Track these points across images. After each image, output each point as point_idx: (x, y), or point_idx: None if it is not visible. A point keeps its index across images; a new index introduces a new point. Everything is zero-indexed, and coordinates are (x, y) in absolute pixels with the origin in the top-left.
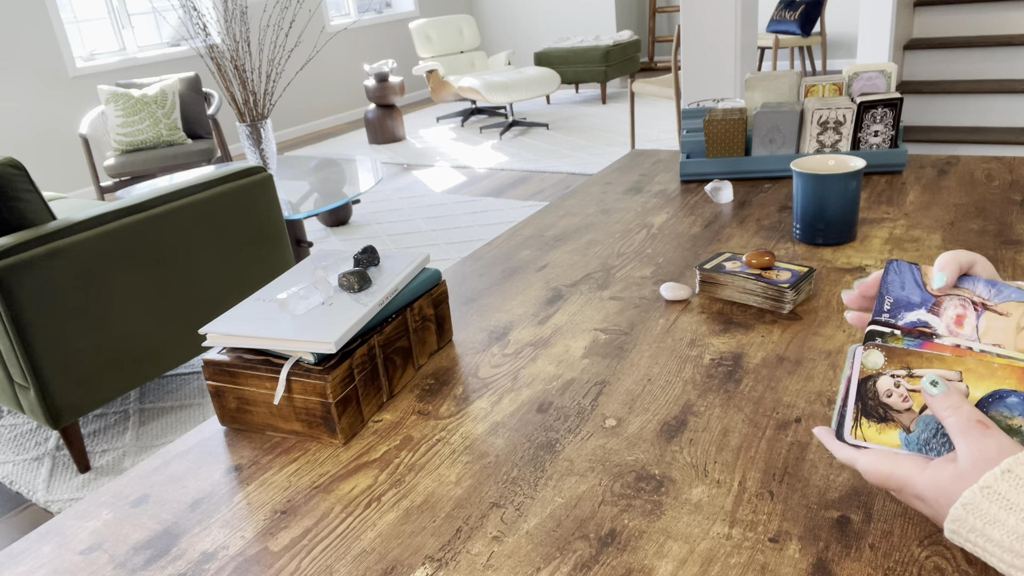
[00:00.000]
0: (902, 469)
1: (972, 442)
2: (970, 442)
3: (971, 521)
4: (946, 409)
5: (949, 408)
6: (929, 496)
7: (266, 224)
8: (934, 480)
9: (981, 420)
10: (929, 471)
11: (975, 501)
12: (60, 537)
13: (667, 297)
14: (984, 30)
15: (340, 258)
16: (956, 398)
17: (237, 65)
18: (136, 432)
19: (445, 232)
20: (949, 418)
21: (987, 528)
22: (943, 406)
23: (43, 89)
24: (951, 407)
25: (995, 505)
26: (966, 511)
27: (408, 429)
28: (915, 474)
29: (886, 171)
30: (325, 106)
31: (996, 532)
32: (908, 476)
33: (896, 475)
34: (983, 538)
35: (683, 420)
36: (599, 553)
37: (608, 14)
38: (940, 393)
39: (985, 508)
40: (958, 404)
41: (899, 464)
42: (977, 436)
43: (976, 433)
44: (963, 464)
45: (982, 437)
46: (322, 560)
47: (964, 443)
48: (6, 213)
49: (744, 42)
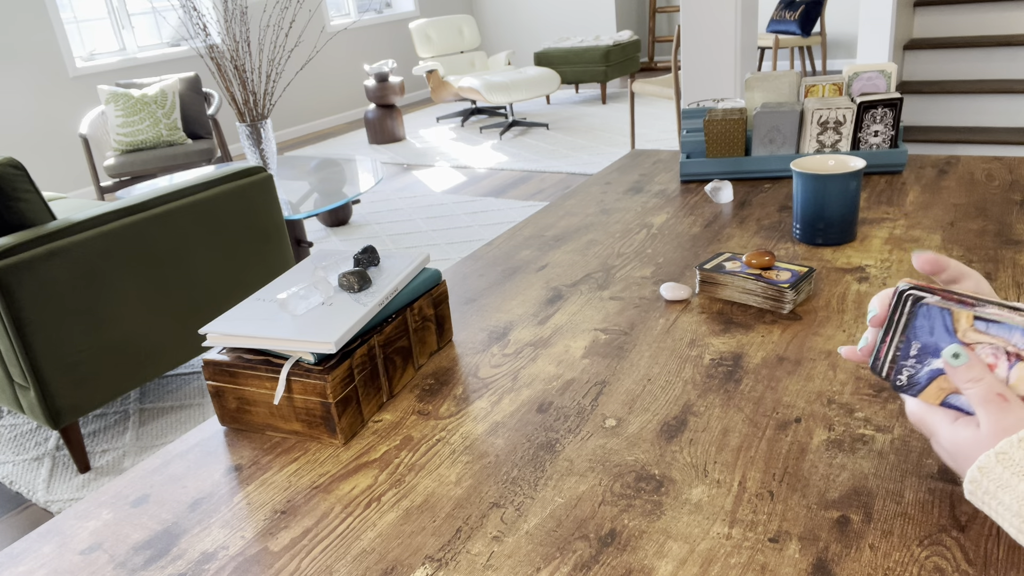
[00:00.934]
0: (932, 418)
1: (992, 414)
2: (990, 414)
3: (985, 484)
4: (968, 381)
5: (971, 380)
6: (950, 450)
7: (266, 224)
8: (955, 438)
9: (1002, 393)
10: (953, 428)
11: (990, 465)
12: (60, 537)
13: (667, 297)
14: (984, 30)
15: (340, 258)
16: (978, 369)
17: (237, 65)
18: (136, 432)
19: (445, 232)
20: (970, 390)
21: (999, 492)
22: (965, 377)
23: (43, 89)
24: (972, 379)
25: (1008, 471)
26: (981, 474)
27: (408, 429)
28: (942, 426)
29: (886, 171)
30: (325, 106)
31: (1007, 496)
32: (935, 426)
33: (926, 422)
34: (995, 500)
35: (683, 420)
36: (599, 553)
37: (608, 14)
38: (962, 364)
39: (999, 473)
40: (979, 376)
41: (931, 412)
42: (996, 408)
43: (996, 405)
44: (984, 431)
45: (1001, 410)
46: (322, 560)
47: (984, 414)
48: (6, 213)
49: (744, 42)
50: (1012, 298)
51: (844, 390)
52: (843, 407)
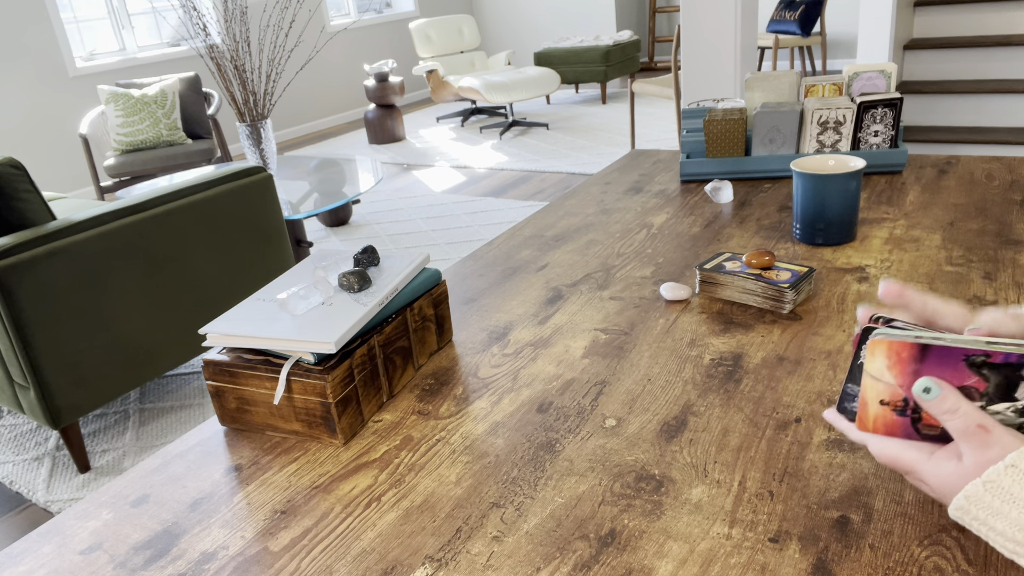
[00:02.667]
0: (907, 455)
1: (975, 448)
2: (973, 448)
3: (973, 511)
4: (945, 413)
5: (947, 412)
6: (932, 484)
7: (266, 224)
8: (936, 471)
9: (982, 424)
10: (933, 461)
11: (977, 494)
12: (60, 537)
13: (667, 297)
14: (984, 30)
15: (340, 258)
16: (952, 400)
17: (237, 65)
18: (136, 432)
19: (445, 232)
20: (949, 422)
21: (990, 519)
22: (941, 410)
23: (43, 89)
24: (949, 411)
25: (998, 499)
26: (968, 502)
27: (408, 429)
28: (920, 461)
29: (886, 171)
30: (325, 106)
31: (999, 523)
32: (913, 462)
33: (902, 459)
34: (986, 527)
35: (683, 420)
36: (599, 553)
37: (608, 14)
38: (935, 398)
39: (988, 501)
40: (955, 407)
41: (904, 449)
42: (979, 442)
43: (978, 439)
44: (967, 464)
45: (984, 444)
46: (322, 560)
47: (967, 448)
48: (6, 213)
49: (744, 42)
50: (1012, 298)
51: None
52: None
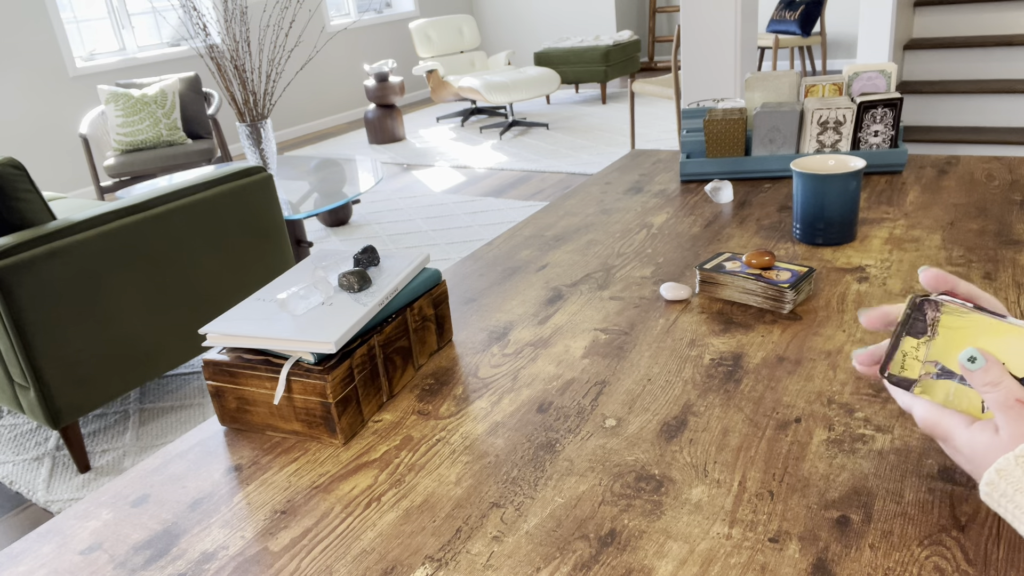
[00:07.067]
0: (947, 421)
1: (1012, 420)
2: (1010, 420)
3: (1002, 486)
4: (985, 385)
5: (988, 384)
6: (967, 454)
7: (266, 224)
8: (972, 441)
9: (1021, 398)
10: (970, 432)
11: (1008, 468)
12: (60, 537)
13: (667, 297)
14: (984, 30)
15: (340, 258)
16: (995, 373)
17: (237, 65)
18: (136, 432)
19: (445, 232)
20: (989, 394)
21: (1016, 495)
22: (982, 381)
23: (43, 89)
24: (990, 383)
25: None
26: (999, 476)
27: (408, 429)
28: (958, 429)
29: (886, 171)
30: (325, 106)
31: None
32: (951, 429)
33: (941, 425)
34: (1012, 504)
35: (683, 420)
36: (599, 553)
37: (608, 14)
38: (979, 368)
39: (1018, 475)
40: (997, 380)
41: (945, 416)
42: (1017, 415)
43: (1016, 411)
44: (1003, 436)
45: (1021, 416)
46: (322, 560)
47: (1004, 420)
48: (6, 213)
49: (744, 42)
50: (1012, 298)
51: (844, 390)
52: (843, 407)
